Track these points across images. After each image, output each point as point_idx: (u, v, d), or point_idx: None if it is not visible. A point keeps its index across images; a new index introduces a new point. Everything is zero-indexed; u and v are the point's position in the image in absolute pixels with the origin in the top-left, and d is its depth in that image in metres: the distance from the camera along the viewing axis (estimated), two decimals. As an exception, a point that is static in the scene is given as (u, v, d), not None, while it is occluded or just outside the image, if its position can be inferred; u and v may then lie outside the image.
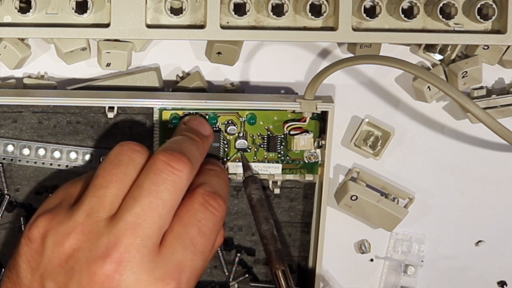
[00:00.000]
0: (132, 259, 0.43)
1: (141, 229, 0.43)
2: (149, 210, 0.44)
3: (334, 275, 0.61)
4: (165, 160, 0.45)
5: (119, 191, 0.45)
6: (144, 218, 0.43)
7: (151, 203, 0.44)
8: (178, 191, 0.45)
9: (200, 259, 0.45)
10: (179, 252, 0.44)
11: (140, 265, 0.43)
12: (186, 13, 0.52)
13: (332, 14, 0.53)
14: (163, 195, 0.44)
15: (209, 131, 0.52)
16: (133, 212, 0.44)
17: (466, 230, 0.61)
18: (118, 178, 0.45)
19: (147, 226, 0.43)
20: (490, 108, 0.57)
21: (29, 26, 0.51)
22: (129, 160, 0.46)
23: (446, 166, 0.60)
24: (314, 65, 0.58)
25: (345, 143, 0.59)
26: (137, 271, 0.43)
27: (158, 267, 0.43)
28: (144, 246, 0.43)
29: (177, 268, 0.43)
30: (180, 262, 0.44)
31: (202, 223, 0.45)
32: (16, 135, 0.54)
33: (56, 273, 0.43)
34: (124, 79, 0.56)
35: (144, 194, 0.44)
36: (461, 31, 0.53)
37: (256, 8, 0.53)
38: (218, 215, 0.46)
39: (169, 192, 0.44)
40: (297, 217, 0.57)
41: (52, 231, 0.44)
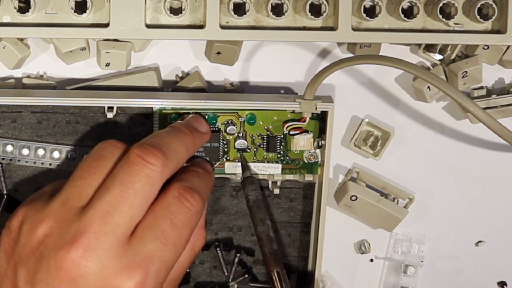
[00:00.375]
0: (99, 246, 0.43)
1: (111, 217, 0.43)
2: (120, 199, 0.44)
3: (334, 275, 0.61)
4: (139, 154, 0.45)
5: (95, 183, 0.45)
6: (114, 206, 0.44)
7: (122, 192, 0.44)
8: (151, 183, 0.45)
9: (171, 251, 0.45)
10: (149, 243, 0.44)
11: (107, 253, 0.43)
12: (186, 13, 0.51)
13: (332, 14, 0.53)
14: (135, 185, 0.44)
15: (206, 129, 0.52)
16: (104, 200, 0.44)
17: (466, 230, 0.61)
18: (96, 170, 0.46)
19: (117, 214, 0.44)
20: (490, 108, 0.57)
21: (28, 26, 0.51)
22: (109, 155, 0.46)
23: (446, 166, 0.60)
24: (313, 65, 0.58)
25: (345, 143, 0.59)
26: (104, 259, 0.43)
27: (126, 256, 0.43)
28: (113, 234, 0.43)
29: (145, 259, 0.43)
30: (149, 253, 0.44)
31: (175, 215, 0.45)
32: (15, 135, 0.54)
33: (28, 260, 0.44)
34: (124, 79, 0.56)
35: (116, 183, 0.44)
36: (461, 31, 0.53)
37: (256, 8, 0.52)
38: (193, 209, 0.46)
39: (142, 183, 0.44)
40: (297, 217, 0.57)
41: (28, 219, 0.45)
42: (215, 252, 0.57)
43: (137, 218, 0.44)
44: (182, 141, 0.48)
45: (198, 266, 0.58)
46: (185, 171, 0.49)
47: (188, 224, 0.46)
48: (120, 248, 0.43)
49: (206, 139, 0.52)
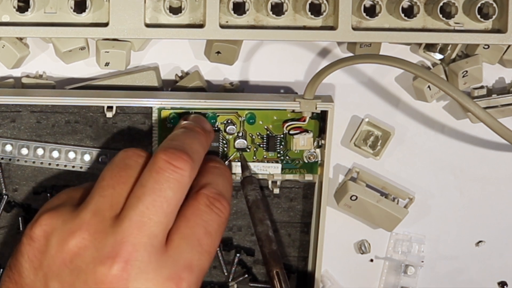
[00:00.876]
0: (140, 258, 0.43)
1: (147, 227, 0.43)
2: (154, 209, 0.44)
3: (334, 276, 0.61)
4: (167, 159, 0.45)
5: (124, 192, 0.45)
6: (149, 216, 0.44)
7: (155, 201, 0.44)
8: (181, 189, 0.45)
9: (207, 258, 0.45)
10: (187, 252, 0.44)
11: (148, 264, 0.43)
12: (185, 12, 0.51)
13: (332, 13, 0.52)
14: (167, 193, 0.44)
15: (210, 127, 0.53)
16: (138, 210, 0.44)
17: (466, 230, 0.61)
18: (125, 180, 0.46)
19: (152, 224, 0.43)
20: (491, 108, 0.57)
21: (28, 25, 0.51)
22: (135, 164, 0.46)
23: (446, 166, 0.60)
24: (313, 65, 0.58)
25: (345, 143, 0.59)
26: (146, 270, 0.43)
27: (166, 266, 0.43)
28: (151, 245, 0.43)
29: (185, 268, 0.44)
30: (188, 262, 0.44)
31: (208, 223, 0.46)
32: (14, 134, 0.54)
33: (61, 273, 0.43)
34: (123, 78, 0.56)
35: (147, 193, 0.44)
36: (462, 30, 0.53)
37: (256, 7, 0.52)
38: (223, 216, 0.47)
39: (173, 190, 0.44)
40: (297, 217, 0.57)
41: (57, 230, 0.44)
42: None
43: (170, 225, 0.45)
44: (200, 141, 0.49)
45: (198, 266, 0.57)
46: (207, 169, 0.49)
47: (220, 231, 0.46)
48: (159, 258, 0.43)
49: (212, 137, 0.53)
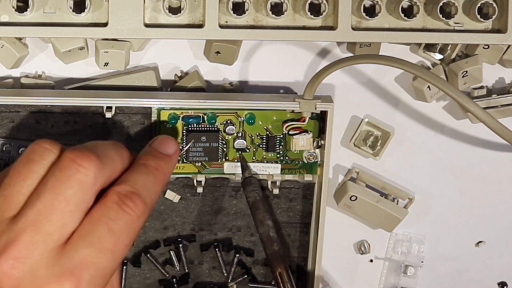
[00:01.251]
0: (30, 256, 0.41)
1: (42, 226, 0.42)
2: (51, 208, 0.42)
3: (334, 276, 0.61)
4: (71, 157, 0.43)
5: (25, 190, 0.43)
6: (45, 215, 0.42)
7: (53, 199, 0.42)
8: (83, 189, 0.43)
9: (108, 258, 0.43)
10: (83, 249, 0.42)
11: (39, 262, 0.41)
12: (185, 12, 0.51)
13: (332, 13, 0.52)
14: (67, 192, 0.42)
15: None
16: (35, 209, 0.42)
17: (466, 230, 0.61)
18: (26, 176, 0.44)
19: (48, 223, 0.42)
20: (491, 108, 0.57)
21: (27, 25, 0.51)
22: (39, 159, 0.44)
23: (446, 166, 0.60)
24: (313, 65, 0.58)
25: (344, 143, 0.59)
26: (36, 268, 0.41)
27: (58, 264, 0.42)
28: (44, 243, 0.42)
29: (78, 265, 0.42)
30: (83, 259, 0.42)
31: (113, 221, 0.43)
32: (13, 135, 0.54)
33: None
34: (122, 78, 0.55)
35: (47, 191, 0.43)
36: (461, 30, 0.53)
37: (255, 7, 0.52)
38: (133, 214, 0.44)
39: (74, 189, 0.42)
40: (296, 218, 0.57)
41: None
42: (214, 253, 0.57)
43: (70, 226, 0.43)
44: (117, 151, 0.46)
45: (197, 267, 0.57)
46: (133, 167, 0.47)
47: (128, 230, 0.44)
48: (53, 256, 0.42)
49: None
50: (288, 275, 0.53)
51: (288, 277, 0.53)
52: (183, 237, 0.57)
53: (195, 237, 0.57)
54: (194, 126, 0.55)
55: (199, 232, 0.57)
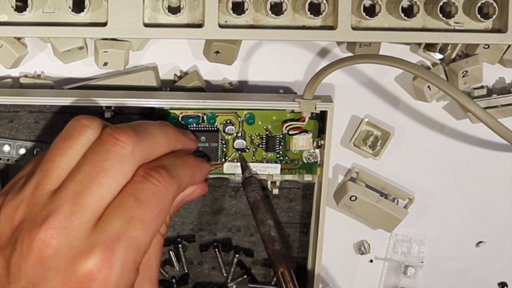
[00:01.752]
0: (69, 226, 0.42)
1: (81, 196, 0.43)
2: (90, 178, 0.43)
3: (333, 276, 0.61)
4: (110, 133, 0.45)
5: (65, 165, 0.45)
6: (84, 185, 0.43)
7: (91, 170, 0.44)
8: (121, 161, 0.44)
9: (139, 227, 0.43)
10: (114, 222, 0.43)
11: (76, 233, 0.42)
12: (184, 12, 0.51)
13: (331, 13, 0.52)
14: (105, 164, 0.44)
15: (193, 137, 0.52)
16: (75, 180, 0.44)
17: (466, 230, 0.61)
18: (64, 151, 0.45)
19: (87, 193, 0.43)
20: (491, 108, 0.57)
21: (26, 25, 0.51)
22: (77, 135, 0.45)
23: (446, 166, 0.60)
24: (313, 65, 0.57)
25: (344, 143, 0.59)
26: (73, 239, 0.42)
27: (92, 235, 0.43)
28: (82, 214, 0.43)
29: (110, 236, 0.43)
30: (114, 231, 0.43)
31: (140, 191, 0.44)
32: (12, 135, 0.54)
33: (5, 248, 0.44)
34: (122, 78, 0.55)
35: (86, 163, 0.44)
36: (462, 30, 0.53)
37: (255, 7, 0.52)
38: (159, 185, 0.45)
39: (111, 161, 0.44)
40: (296, 218, 0.57)
41: (4, 207, 0.45)
42: (213, 253, 0.57)
43: (107, 198, 0.44)
44: (161, 129, 0.48)
45: (197, 267, 0.57)
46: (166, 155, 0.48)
47: (155, 200, 0.44)
48: (89, 228, 0.43)
49: (192, 146, 0.51)
50: (291, 275, 0.52)
51: (291, 276, 0.52)
52: (183, 237, 0.57)
53: (195, 237, 0.57)
54: (194, 126, 0.54)
55: (199, 232, 0.57)
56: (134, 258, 0.43)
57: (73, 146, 0.45)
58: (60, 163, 0.45)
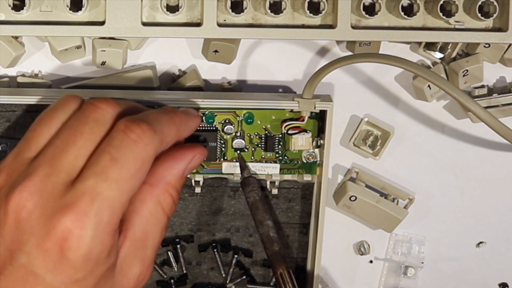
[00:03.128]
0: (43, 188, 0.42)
1: (57, 160, 0.43)
2: (67, 142, 0.43)
3: (333, 277, 0.60)
4: (91, 101, 0.45)
5: (46, 133, 0.45)
6: (61, 149, 0.43)
7: (69, 135, 0.44)
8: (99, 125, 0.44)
9: (113, 187, 0.42)
10: (88, 180, 0.42)
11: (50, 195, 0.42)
12: (183, 11, 0.51)
13: (331, 11, 0.52)
14: (83, 128, 0.44)
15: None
16: (53, 145, 0.44)
17: (467, 231, 0.61)
18: (47, 122, 0.45)
19: (62, 156, 0.43)
20: (491, 107, 0.57)
21: (23, 24, 0.51)
22: (61, 107, 0.46)
23: (446, 166, 0.60)
24: (312, 64, 0.57)
25: (344, 143, 0.59)
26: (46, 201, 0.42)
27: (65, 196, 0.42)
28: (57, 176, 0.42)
29: (83, 196, 0.42)
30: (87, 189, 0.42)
31: (117, 149, 0.43)
32: (9, 134, 0.54)
33: None
34: (120, 77, 0.55)
35: (65, 129, 0.44)
36: (462, 29, 0.53)
37: (254, 6, 0.52)
38: (139, 141, 0.43)
39: (89, 126, 0.44)
40: (295, 218, 0.57)
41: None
42: (212, 253, 0.57)
43: (83, 158, 0.43)
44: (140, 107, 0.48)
45: (196, 268, 0.57)
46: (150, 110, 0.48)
47: (133, 157, 0.43)
48: (63, 190, 0.42)
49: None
50: (290, 275, 0.52)
51: (290, 277, 0.52)
52: (181, 237, 0.57)
53: (193, 238, 0.57)
54: (192, 126, 0.54)
55: (197, 233, 0.57)
56: (109, 219, 0.42)
57: (55, 116, 0.45)
58: (41, 132, 0.45)
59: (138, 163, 0.43)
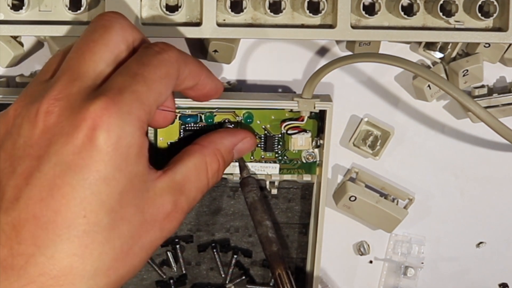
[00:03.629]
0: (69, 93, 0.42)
1: (76, 66, 0.43)
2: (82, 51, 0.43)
3: (333, 277, 0.60)
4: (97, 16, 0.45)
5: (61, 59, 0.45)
6: (77, 57, 0.43)
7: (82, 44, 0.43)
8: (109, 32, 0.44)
9: (141, 82, 0.42)
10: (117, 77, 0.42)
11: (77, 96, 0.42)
12: (182, 10, 0.51)
13: (331, 11, 0.52)
14: (94, 35, 0.44)
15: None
16: (69, 56, 0.43)
17: (467, 231, 0.61)
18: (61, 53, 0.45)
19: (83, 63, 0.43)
20: (491, 107, 0.56)
21: (22, 23, 0.51)
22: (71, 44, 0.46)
23: (446, 166, 0.60)
24: (312, 63, 0.57)
25: (343, 143, 0.58)
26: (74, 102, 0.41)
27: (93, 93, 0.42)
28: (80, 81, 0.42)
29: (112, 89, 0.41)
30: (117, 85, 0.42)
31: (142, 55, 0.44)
32: (8, 134, 0.54)
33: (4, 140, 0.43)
34: (119, 77, 0.55)
35: (78, 41, 0.44)
36: (462, 28, 0.53)
37: (253, 5, 0.52)
38: (163, 52, 0.44)
39: (99, 33, 0.44)
40: (295, 218, 0.57)
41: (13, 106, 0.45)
42: (211, 253, 0.57)
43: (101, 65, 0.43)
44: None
45: (195, 268, 0.57)
46: None
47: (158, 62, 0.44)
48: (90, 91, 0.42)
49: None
50: (288, 276, 0.52)
51: (288, 278, 0.52)
52: (181, 237, 0.57)
53: (193, 238, 0.57)
54: (192, 126, 0.54)
55: (197, 233, 0.57)
56: (137, 112, 0.42)
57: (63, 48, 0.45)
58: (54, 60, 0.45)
59: (163, 69, 0.44)
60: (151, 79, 0.43)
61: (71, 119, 0.41)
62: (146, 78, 0.43)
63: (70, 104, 0.41)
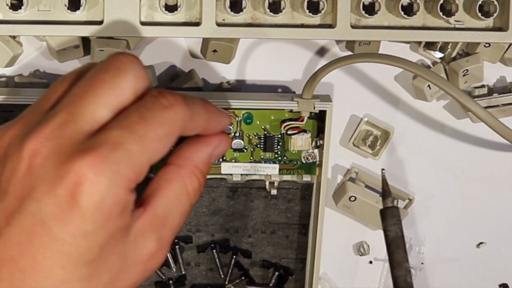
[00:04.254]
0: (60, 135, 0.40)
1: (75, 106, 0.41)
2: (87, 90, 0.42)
3: (332, 278, 0.60)
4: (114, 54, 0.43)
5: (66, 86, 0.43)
6: (79, 95, 0.41)
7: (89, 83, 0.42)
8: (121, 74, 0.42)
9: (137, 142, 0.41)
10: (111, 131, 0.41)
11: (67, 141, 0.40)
12: (181, 10, 0.51)
13: (330, 11, 0.52)
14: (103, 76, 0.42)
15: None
16: (72, 93, 0.42)
17: (467, 231, 0.60)
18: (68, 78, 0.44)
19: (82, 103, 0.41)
20: (492, 107, 0.56)
21: (21, 23, 0.51)
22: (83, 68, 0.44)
23: (446, 166, 0.60)
24: (312, 63, 0.57)
25: (343, 143, 0.58)
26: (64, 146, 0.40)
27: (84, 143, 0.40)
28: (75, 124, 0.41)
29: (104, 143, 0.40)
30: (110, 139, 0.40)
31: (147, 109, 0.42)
32: (7, 134, 0.54)
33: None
34: (118, 77, 0.55)
35: (85, 78, 0.42)
36: (462, 28, 0.53)
37: (253, 5, 0.52)
38: (171, 108, 0.42)
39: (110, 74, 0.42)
40: (295, 219, 0.57)
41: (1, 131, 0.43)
42: (211, 254, 0.57)
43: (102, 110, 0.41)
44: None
45: (194, 268, 0.57)
46: None
47: (161, 120, 0.42)
48: (82, 138, 0.40)
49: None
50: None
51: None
52: (180, 238, 0.56)
53: (192, 239, 0.57)
54: (191, 126, 0.54)
55: (196, 233, 0.57)
56: (127, 173, 0.40)
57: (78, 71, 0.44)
58: (61, 86, 0.43)
59: (166, 127, 0.42)
60: (149, 138, 0.41)
61: (57, 166, 0.40)
62: (144, 136, 0.41)
63: (60, 148, 0.40)
